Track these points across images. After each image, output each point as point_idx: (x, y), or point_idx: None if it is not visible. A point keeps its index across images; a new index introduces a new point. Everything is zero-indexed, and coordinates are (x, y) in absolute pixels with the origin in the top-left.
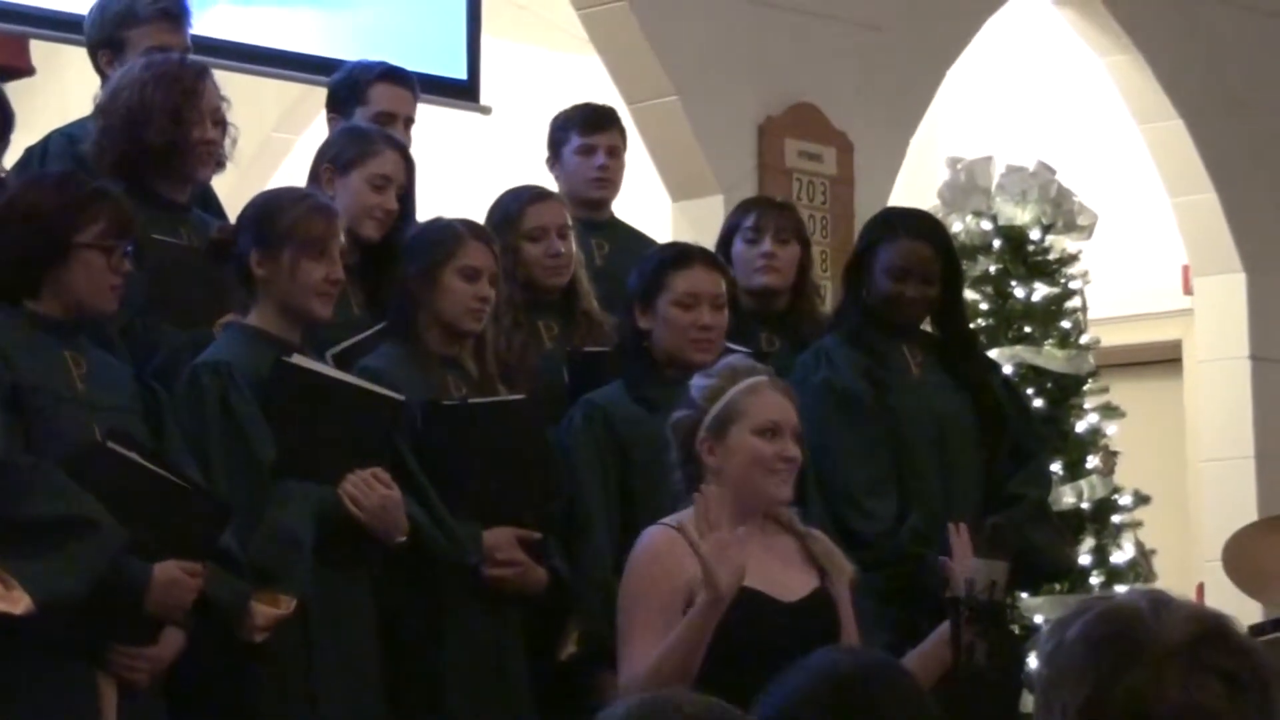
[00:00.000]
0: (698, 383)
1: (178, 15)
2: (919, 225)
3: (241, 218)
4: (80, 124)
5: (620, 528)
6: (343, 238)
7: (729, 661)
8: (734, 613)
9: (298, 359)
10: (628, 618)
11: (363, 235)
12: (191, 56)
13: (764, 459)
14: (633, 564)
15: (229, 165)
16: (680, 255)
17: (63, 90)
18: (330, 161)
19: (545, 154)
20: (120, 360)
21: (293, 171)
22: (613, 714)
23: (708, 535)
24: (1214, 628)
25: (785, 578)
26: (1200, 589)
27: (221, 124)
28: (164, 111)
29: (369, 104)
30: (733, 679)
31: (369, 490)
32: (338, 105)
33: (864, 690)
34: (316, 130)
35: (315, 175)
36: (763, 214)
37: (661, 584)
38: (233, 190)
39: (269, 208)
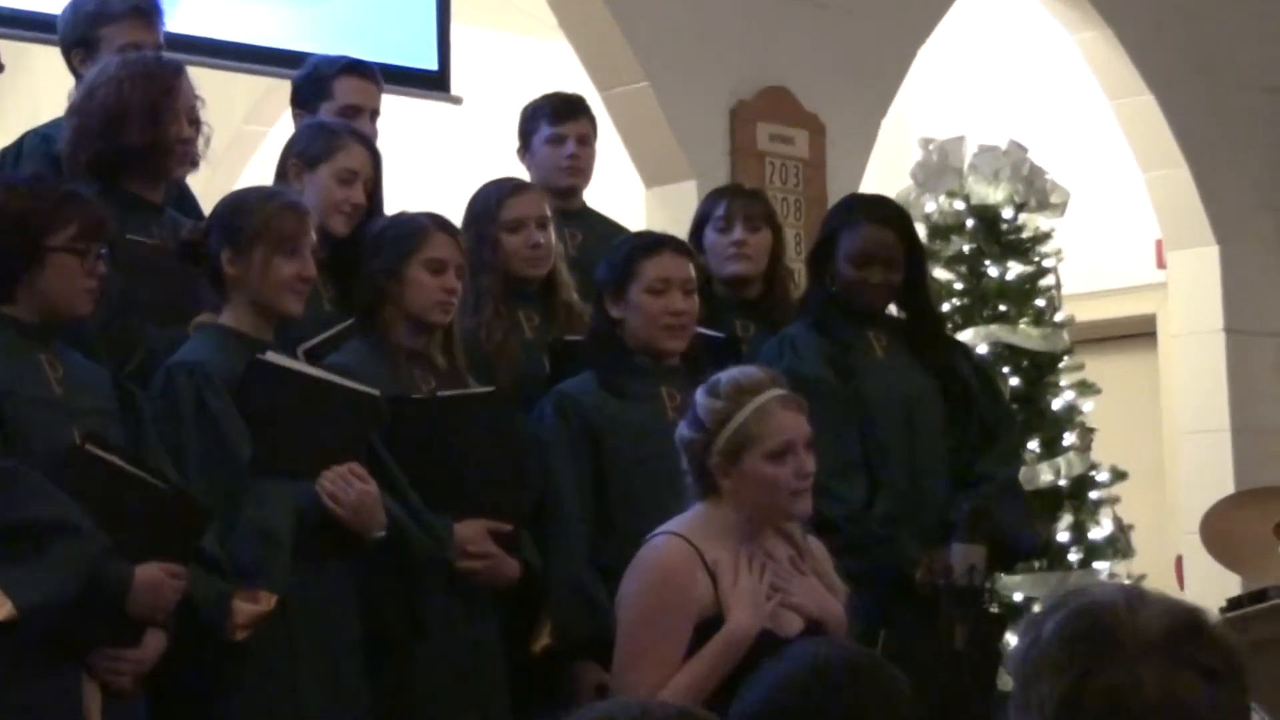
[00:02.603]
0: (702, 401)
1: (150, 12)
2: (881, 211)
3: (212, 217)
4: (55, 124)
5: (594, 518)
6: (313, 235)
7: (726, 694)
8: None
9: (272, 356)
10: (636, 633)
11: (331, 230)
12: (167, 55)
13: (783, 483)
14: (643, 575)
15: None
16: (649, 242)
17: (33, 90)
18: (297, 157)
19: (516, 144)
20: (97, 362)
21: (265, 164)
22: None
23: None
24: (1189, 622)
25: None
26: (1179, 562)
27: (196, 123)
28: (141, 111)
29: (334, 98)
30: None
31: (346, 486)
32: (303, 101)
33: (844, 679)
34: (287, 123)
35: (283, 171)
36: (733, 202)
37: (673, 605)
38: (205, 185)
39: (239, 207)
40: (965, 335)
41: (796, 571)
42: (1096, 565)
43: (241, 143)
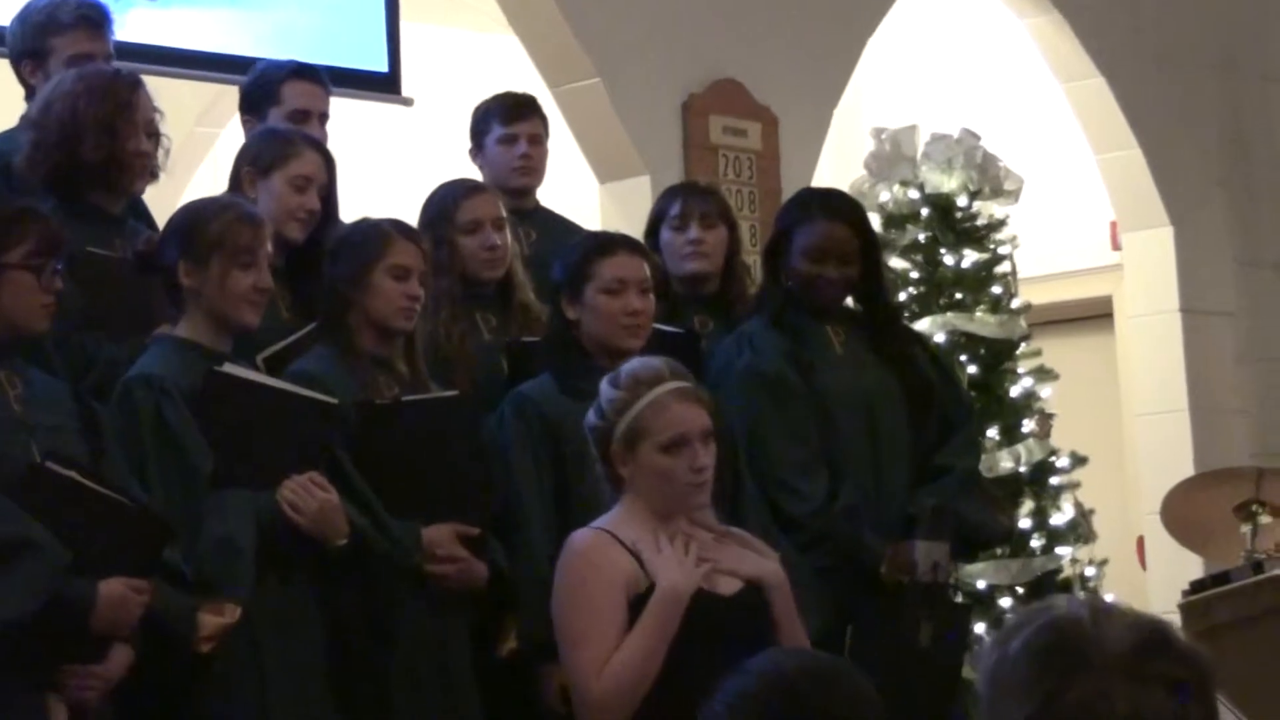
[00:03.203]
0: (605, 391)
1: (99, 22)
2: (834, 206)
3: (167, 228)
4: (3, 137)
5: (555, 520)
6: (270, 246)
7: (676, 657)
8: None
9: (229, 368)
10: (569, 623)
11: (287, 237)
12: (124, 68)
13: (673, 475)
14: (565, 569)
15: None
16: (604, 243)
17: None
18: (250, 165)
19: (468, 145)
20: (56, 377)
21: (217, 165)
22: None
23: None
24: (1156, 636)
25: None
26: (1140, 543)
27: (155, 135)
28: (98, 125)
29: (282, 103)
30: (683, 674)
31: (307, 495)
32: (251, 107)
33: (809, 692)
34: (239, 125)
35: (236, 179)
36: (688, 200)
37: (598, 585)
38: (157, 189)
39: (195, 218)
40: (922, 324)
41: (720, 544)
42: (1059, 551)
43: (193, 145)
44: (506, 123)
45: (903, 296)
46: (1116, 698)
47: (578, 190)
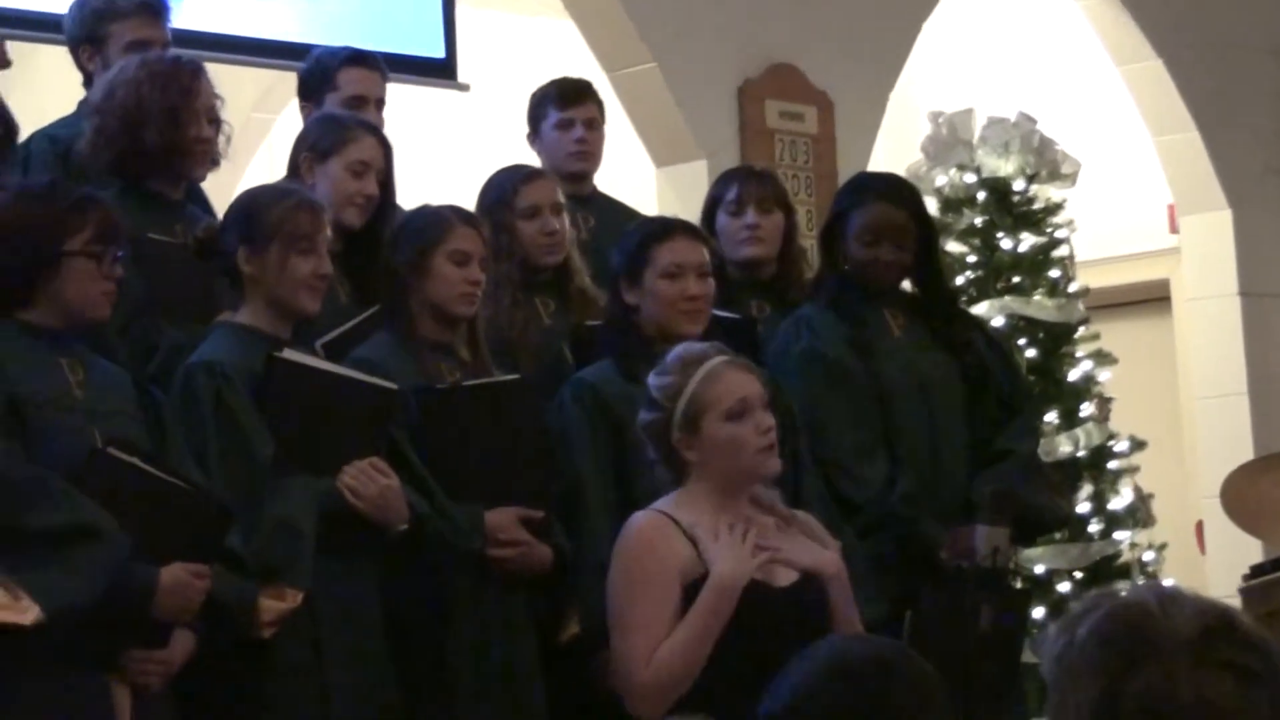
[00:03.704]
0: (654, 383)
1: (158, 9)
2: (889, 189)
3: (228, 215)
4: (62, 123)
5: (616, 505)
6: (329, 232)
7: (726, 648)
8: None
9: (290, 354)
10: (622, 608)
11: (345, 223)
12: (186, 55)
13: (743, 441)
14: (622, 552)
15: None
16: (662, 228)
17: (40, 90)
18: (309, 150)
19: (525, 130)
20: (117, 364)
21: (274, 151)
22: None
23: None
24: (1223, 621)
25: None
26: (1199, 527)
27: (216, 122)
28: (161, 112)
29: (339, 89)
30: (732, 665)
31: (368, 480)
32: (309, 93)
33: (874, 678)
34: (295, 109)
35: (294, 165)
36: (744, 185)
37: (653, 571)
38: (214, 175)
39: (255, 205)
40: (980, 308)
41: (781, 532)
42: (1117, 535)
43: (250, 131)
44: (563, 108)
45: (960, 281)
46: (1182, 683)
47: (634, 174)
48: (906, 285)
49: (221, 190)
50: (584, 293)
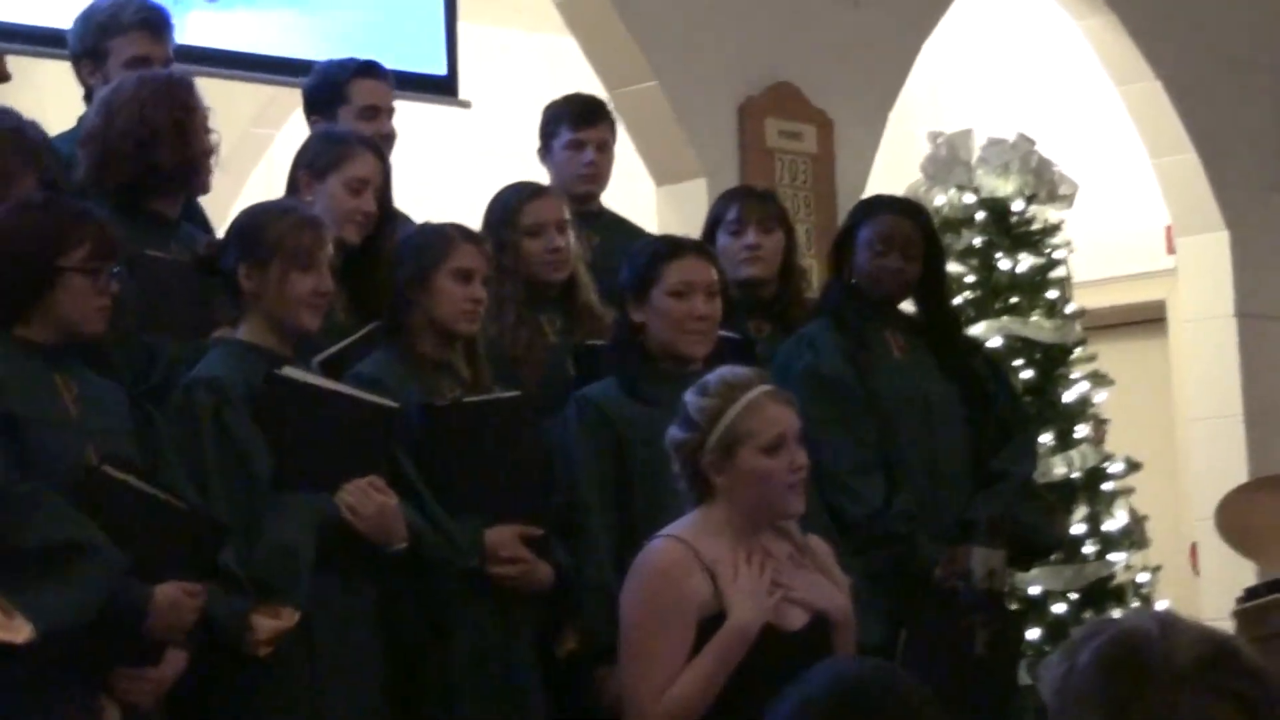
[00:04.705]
0: (693, 401)
1: (160, 26)
2: (901, 204)
3: (229, 232)
4: (63, 138)
5: (618, 523)
6: (330, 249)
7: (735, 688)
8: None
9: (289, 371)
10: (637, 637)
11: (344, 239)
12: (178, 69)
13: (778, 477)
14: (640, 579)
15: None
16: (672, 246)
17: (40, 104)
18: (306, 168)
19: (532, 146)
20: (114, 380)
21: (273, 166)
22: None
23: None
24: (1224, 649)
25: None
26: (1193, 549)
27: (209, 133)
28: (170, 129)
29: (351, 101)
30: (740, 705)
31: (366, 499)
32: (318, 108)
33: (872, 698)
34: (295, 125)
35: (293, 183)
36: (745, 205)
37: (670, 605)
38: (212, 190)
39: (256, 221)
40: (978, 328)
41: (797, 567)
42: (1112, 557)
43: (249, 146)
44: (575, 128)
45: (958, 300)
46: (1183, 710)
47: (634, 192)
48: (909, 306)
49: (220, 206)
50: (590, 309)
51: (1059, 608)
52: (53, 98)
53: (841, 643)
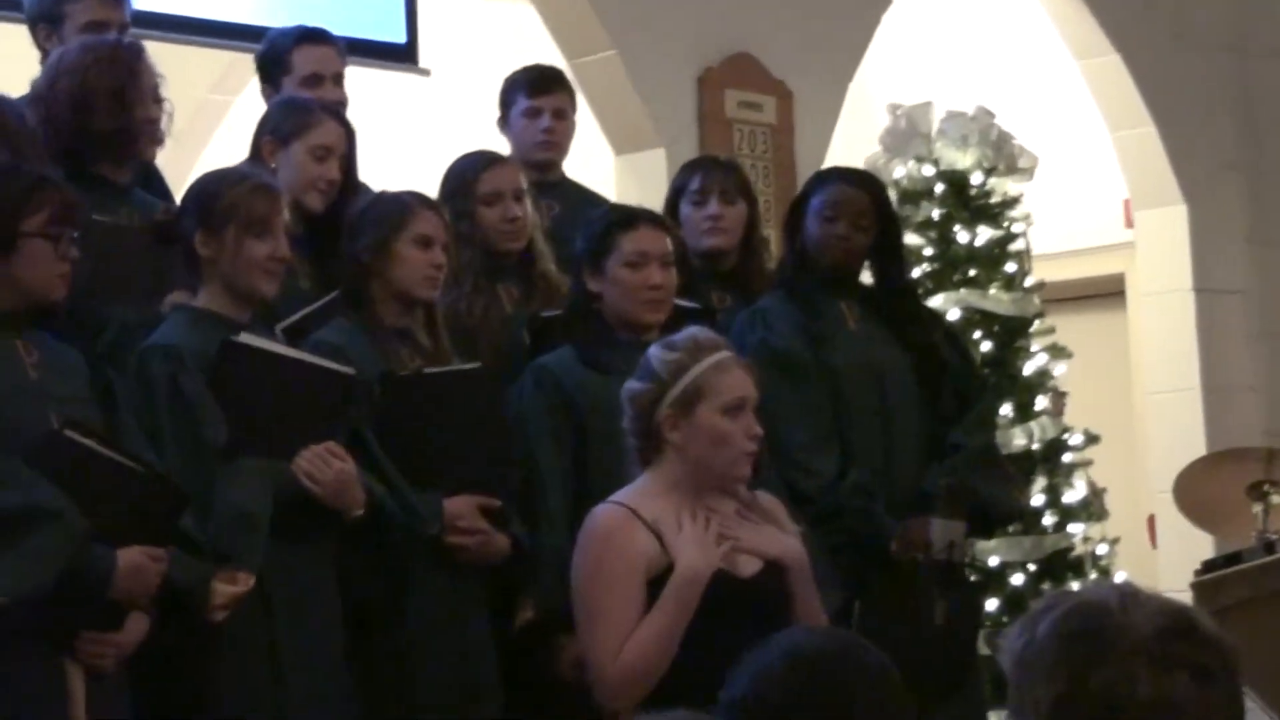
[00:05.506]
0: (658, 354)
1: None
2: (854, 175)
3: (184, 199)
4: (18, 102)
5: (574, 492)
6: (287, 215)
7: (693, 638)
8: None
9: (245, 337)
10: (589, 601)
11: (307, 207)
12: (128, 36)
13: (732, 438)
14: (585, 547)
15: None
16: (626, 217)
17: None
18: (270, 135)
19: (492, 115)
20: (69, 345)
21: (231, 133)
22: None
23: (680, 525)
24: (1181, 621)
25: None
26: (1151, 521)
27: (159, 101)
28: (108, 95)
29: (293, 70)
30: (700, 655)
31: (324, 465)
32: (267, 77)
33: (829, 669)
34: (253, 91)
35: (256, 149)
36: (707, 175)
37: (618, 565)
38: (169, 157)
39: (211, 188)
40: (936, 300)
41: (744, 520)
42: (1070, 529)
43: (207, 112)
44: (532, 95)
45: (917, 273)
46: (1140, 681)
47: (593, 162)
48: (866, 278)
49: (178, 172)
50: (547, 279)
51: (1017, 579)
52: (9, 61)
53: (799, 584)
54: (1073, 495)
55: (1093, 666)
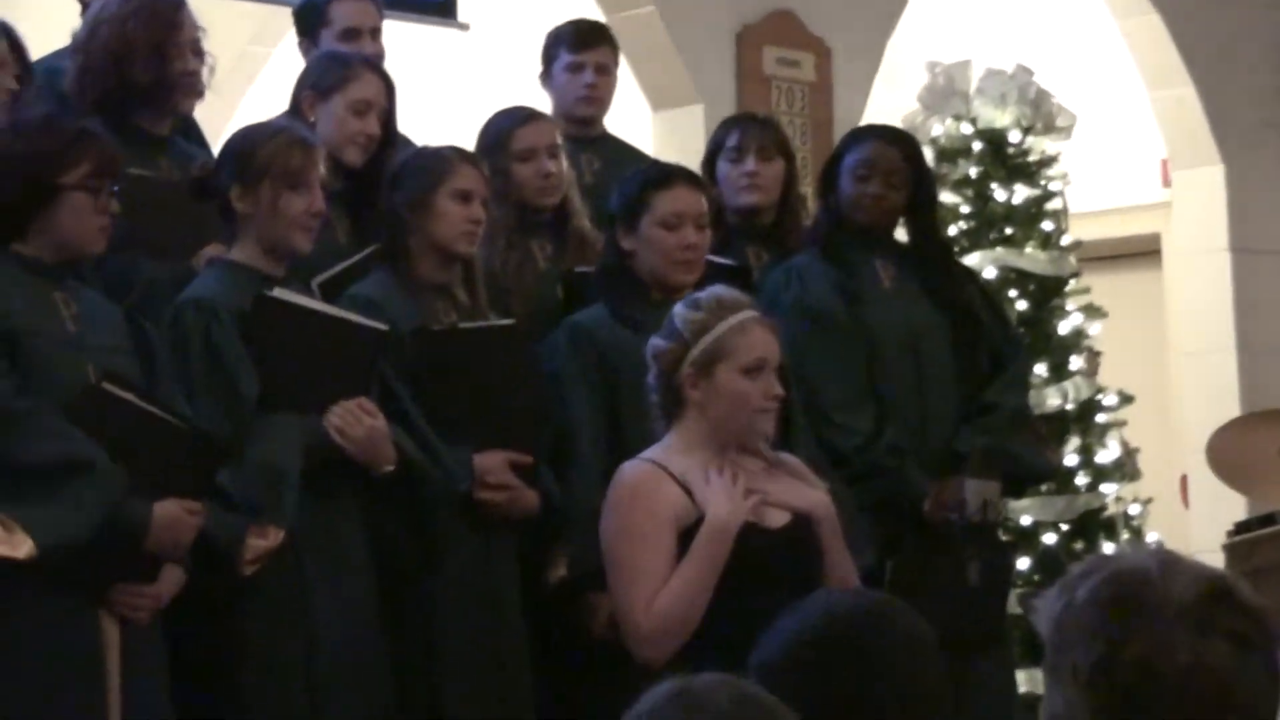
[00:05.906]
0: (682, 313)
1: None
2: (889, 132)
3: (221, 153)
4: (61, 54)
5: (608, 449)
6: (323, 169)
7: (725, 590)
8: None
9: (279, 292)
10: (619, 556)
11: (346, 161)
12: None
13: (751, 399)
14: (614, 502)
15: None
16: (662, 175)
17: (43, 20)
18: (310, 89)
19: (533, 70)
20: (108, 298)
21: (270, 85)
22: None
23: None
24: (1221, 588)
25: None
26: (1184, 482)
27: (200, 54)
28: (147, 47)
29: (332, 24)
30: (731, 607)
31: (354, 420)
32: (304, 30)
33: (864, 631)
34: (291, 43)
35: (296, 103)
36: (745, 132)
37: (646, 519)
38: (209, 109)
39: (247, 142)
40: (972, 259)
41: (770, 477)
42: (1103, 488)
43: (245, 65)
44: (574, 50)
45: (953, 231)
46: (1178, 648)
47: (631, 118)
48: (901, 235)
49: (216, 125)
50: (582, 235)
51: (1049, 538)
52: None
53: (829, 536)
54: (1106, 455)
55: (1131, 634)
